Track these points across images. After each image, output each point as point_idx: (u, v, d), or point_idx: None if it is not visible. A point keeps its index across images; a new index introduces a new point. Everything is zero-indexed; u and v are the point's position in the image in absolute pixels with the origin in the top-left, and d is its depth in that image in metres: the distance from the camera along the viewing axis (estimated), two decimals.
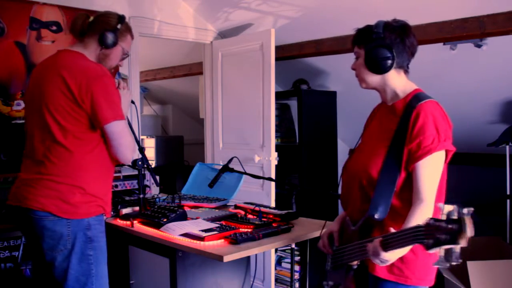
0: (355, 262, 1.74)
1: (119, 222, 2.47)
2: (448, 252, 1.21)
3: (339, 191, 1.93)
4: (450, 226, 1.19)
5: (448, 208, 1.22)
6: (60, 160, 2.00)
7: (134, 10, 3.67)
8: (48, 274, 2.05)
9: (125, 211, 2.54)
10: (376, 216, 1.61)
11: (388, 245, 1.45)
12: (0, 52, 2.96)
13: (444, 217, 1.22)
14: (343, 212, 1.92)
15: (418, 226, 1.31)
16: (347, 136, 4.65)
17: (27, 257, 2.81)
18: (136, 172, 2.66)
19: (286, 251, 3.97)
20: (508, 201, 3.35)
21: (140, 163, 2.52)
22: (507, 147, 3.32)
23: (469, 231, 1.17)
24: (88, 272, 2.03)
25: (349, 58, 1.79)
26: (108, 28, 2.13)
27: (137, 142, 2.60)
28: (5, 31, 2.98)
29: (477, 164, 3.84)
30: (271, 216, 2.47)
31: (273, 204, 3.59)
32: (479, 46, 2.93)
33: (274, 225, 2.34)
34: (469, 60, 3.16)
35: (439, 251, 1.22)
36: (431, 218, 1.26)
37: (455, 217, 1.20)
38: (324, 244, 1.91)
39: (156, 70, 5.67)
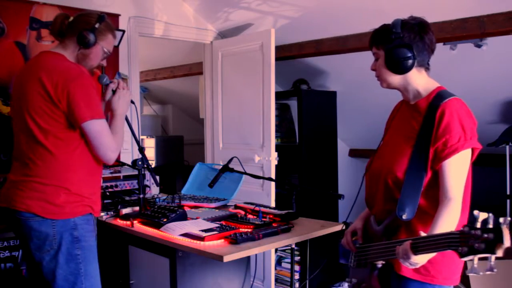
0: (380, 262, 1.72)
1: (119, 222, 2.47)
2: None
3: (364, 191, 1.89)
4: (486, 235, 1.19)
5: (483, 216, 1.21)
6: (44, 162, 2.01)
7: (134, 10, 3.67)
8: (38, 274, 2.05)
9: (125, 211, 2.53)
10: (403, 217, 1.60)
11: (418, 249, 1.44)
12: (0, 52, 2.96)
13: (478, 225, 1.21)
14: (366, 210, 1.91)
15: (452, 233, 1.29)
16: (347, 136, 4.65)
17: None
18: (136, 172, 2.66)
19: (286, 251, 3.97)
20: (508, 201, 3.34)
21: (140, 163, 2.52)
22: (507, 147, 3.31)
23: (507, 241, 1.16)
24: (77, 271, 2.03)
25: (349, 58, 1.79)
26: (86, 28, 2.10)
27: (137, 142, 2.60)
28: (5, 31, 2.98)
29: (477, 164, 3.83)
30: (271, 216, 2.46)
31: (273, 204, 3.59)
32: (479, 46, 2.93)
33: (274, 225, 2.34)
34: (469, 60, 3.15)
35: (473, 259, 1.21)
36: (465, 226, 1.25)
37: (490, 225, 1.19)
38: (348, 242, 1.90)
39: (156, 70, 5.67)
